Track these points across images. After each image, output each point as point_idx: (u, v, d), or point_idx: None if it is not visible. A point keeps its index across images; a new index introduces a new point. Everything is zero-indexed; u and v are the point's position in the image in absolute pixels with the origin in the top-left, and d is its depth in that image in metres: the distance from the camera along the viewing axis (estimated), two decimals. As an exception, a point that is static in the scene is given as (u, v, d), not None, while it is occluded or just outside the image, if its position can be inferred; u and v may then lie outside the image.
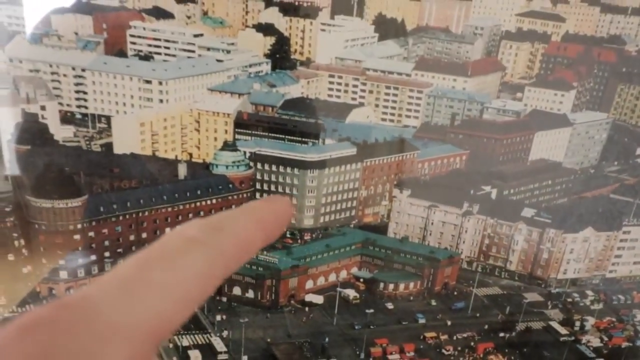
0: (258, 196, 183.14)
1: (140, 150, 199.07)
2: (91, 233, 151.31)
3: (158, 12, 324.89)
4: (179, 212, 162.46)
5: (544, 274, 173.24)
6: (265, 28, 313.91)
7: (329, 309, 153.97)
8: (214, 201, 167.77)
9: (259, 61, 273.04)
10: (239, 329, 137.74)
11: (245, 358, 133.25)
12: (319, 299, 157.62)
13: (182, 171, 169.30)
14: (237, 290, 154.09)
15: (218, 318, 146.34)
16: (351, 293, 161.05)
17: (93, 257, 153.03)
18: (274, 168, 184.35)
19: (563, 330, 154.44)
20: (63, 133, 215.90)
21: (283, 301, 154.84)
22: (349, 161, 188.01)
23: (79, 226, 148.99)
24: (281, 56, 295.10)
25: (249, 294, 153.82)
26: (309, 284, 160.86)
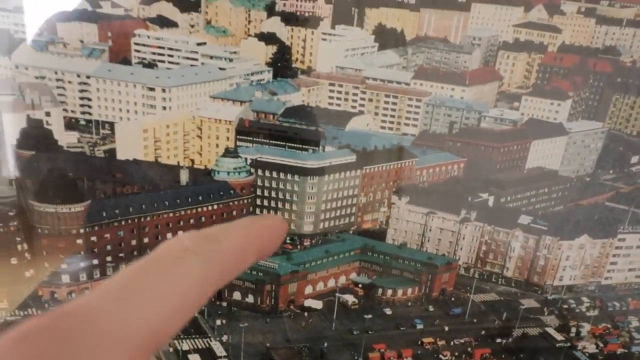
0: (259, 202, 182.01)
1: (142, 156, 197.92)
2: (93, 238, 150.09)
3: (162, 21, 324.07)
4: (181, 218, 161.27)
5: (541, 281, 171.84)
6: (267, 37, 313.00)
7: (328, 314, 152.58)
8: (215, 207, 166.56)
9: (261, 69, 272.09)
10: (239, 334, 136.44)
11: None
12: (318, 304, 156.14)
13: (184, 177, 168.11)
14: (237, 295, 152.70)
15: (218, 322, 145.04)
16: (350, 298, 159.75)
17: (95, 262, 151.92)
18: (275, 174, 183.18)
19: (559, 336, 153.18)
20: (67, 139, 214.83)
21: (282, 306, 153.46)
22: (349, 168, 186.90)
23: (82, 231, 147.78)
24: (282, 65, 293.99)
25: (249, 299, 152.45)
26: (308, 289, 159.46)
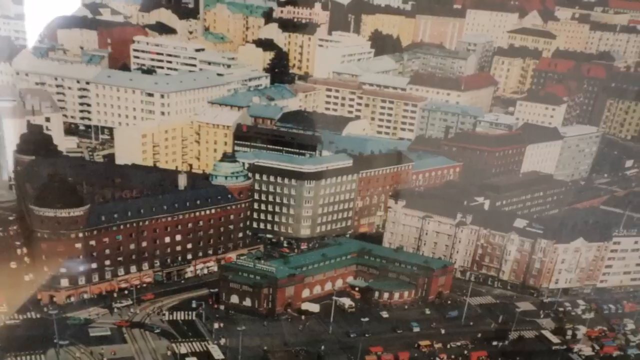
0: (256, 206, 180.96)
1: (141, 161, 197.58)
2: (92, 242, 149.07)
3: (161, 28, 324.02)
4: (179, 222, 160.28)
5: (536, 284, 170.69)
6: (264, 43, 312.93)
7: (325, 317, 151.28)
8: (213, 211, 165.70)
9: (259, 75, 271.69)
10: (237, 337, 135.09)
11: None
12: (315, 308, 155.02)
13: (182, 181, 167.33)
14: (235, 298, 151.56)
15: (216, 326, 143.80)
16: (347, 302, 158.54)
17: (94, 266, 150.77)
18: (272, 179, 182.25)
19: (555, 339, 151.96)
20: (67, 144, 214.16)
21: (280, 309, 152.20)
22: (346, 172, 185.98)
23: (81, 235, 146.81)
24: (280, 70, 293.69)
25: (247, 302, 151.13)
26: (306, 293, 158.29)
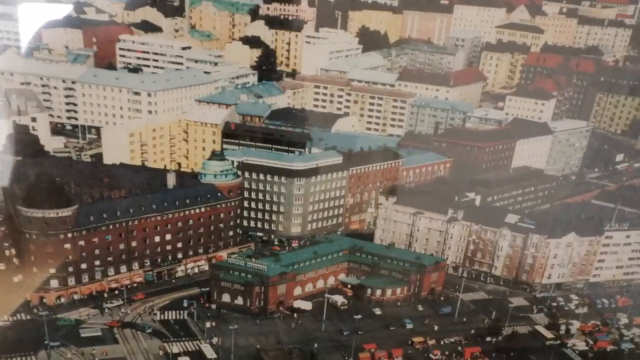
0: (246, 204, 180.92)
1: (129, 160, 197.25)
2: (81, 242, 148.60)
3: (147, 26, 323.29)
4: (169, 221, 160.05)
5: (529, 279, 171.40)
6: (251, 41, 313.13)
7: (318, 315, 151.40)
8: (203, 210, 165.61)
9: (246, 73, 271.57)
10: (229, 336, 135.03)
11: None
12: (308, 305, 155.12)
13: (171, 180, 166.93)
14: (227, 297, 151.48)
15: (207, 325, 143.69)
16: (339, 299, 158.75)
17: (84, 266, 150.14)
18: (262, 177, 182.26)
19: (549, 334, 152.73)
20: (54, 144, 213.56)
21: (272, 308, 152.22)
22: (335, 169, 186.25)
23: (70, 235, 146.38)
24: (267, 68, 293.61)
25: (238, 301, 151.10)
26: (298, 291, 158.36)
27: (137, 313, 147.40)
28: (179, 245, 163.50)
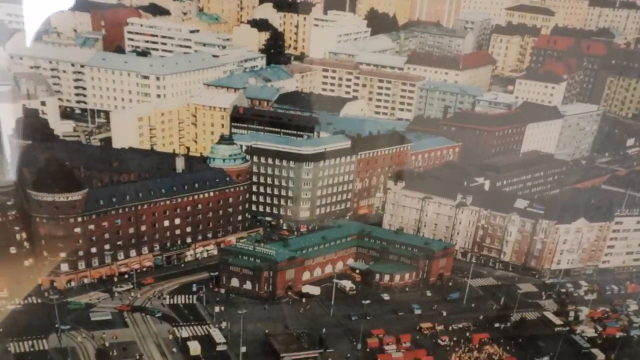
0: (255, 189, 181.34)
1: (138, 144, 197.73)
2: (91, 226, 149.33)
3: (155, 9, 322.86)
4: (177, 205, 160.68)
5: (538, 265, 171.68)
6: (259, 24, 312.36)
7: (326, 300, 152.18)
8: (212, 194, 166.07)
9: (254, 56, 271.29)
10: (238, 321, 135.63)
11: (243, 349, 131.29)
12: (316, 290, 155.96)
13: (180, 165, 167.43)
14: (235, 282, 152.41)
15: (216, 309, 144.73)
16: (347, 284, 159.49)
17: (94, 250, 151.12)
18: (270, 161, 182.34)
19: (557, 320, 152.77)
20: (63, 128, 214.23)
21: (280, 292, 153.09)
22: (344, 154, 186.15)
23: (79, 219, 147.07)
24: (275, 51, 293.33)
25: (247, 286, 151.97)
26: (306, 276, 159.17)
27: (147, 297, 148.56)
28: (188, 229, 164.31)
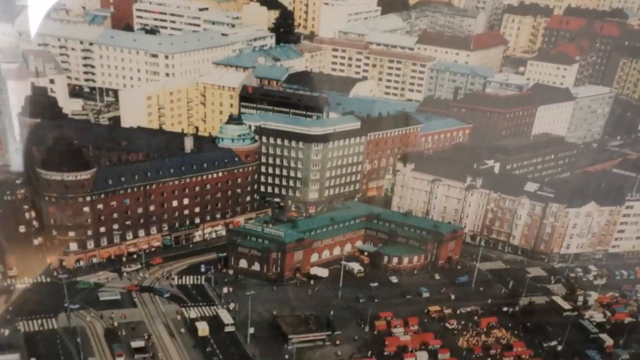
0: (263, 170, 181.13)
1: (147, 123, 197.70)
2: (100, 205, 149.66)
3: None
4: (186, 185, 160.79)
5: (547, 249, 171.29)
6: (269, 2, 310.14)
7: (334, 282, 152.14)
8: (220, 174, 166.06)
9: (264, 35, 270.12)
10: (246, 302, 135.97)
11: (251, 330, 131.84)
12: (324, 272, 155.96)
13: (189, 144, 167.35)
14: (244, 263, 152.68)
15: (225, 290, 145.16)
16: (356, 266, 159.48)
17: (102, 230, 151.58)
18: (279, 141, 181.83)
19: (566, 305, 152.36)
20: (72, 106, 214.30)
21: (289, 274, 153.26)
22: (353, 135, 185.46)
23: (88, 199, 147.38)
24: (285, 30, 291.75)
25: (255, 267, 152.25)
26: (314, 257, 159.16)
27: (155, 277, 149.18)
28: (197, 210, 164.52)
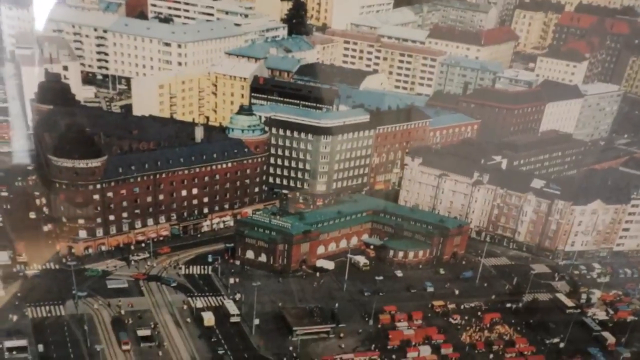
0: (272, 161, 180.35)
1: (158, 112, 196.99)
2: (110, 193, 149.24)
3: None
4: (195, 175, 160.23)
5: (552, 246, 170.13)
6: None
7: (340, 275, 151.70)
8: (230, 165, 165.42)
9: (276, 26, 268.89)
10: (252, 293, 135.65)
11: (256, 321, 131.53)
12: (330, 265, 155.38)
13: (199, 134, 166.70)
14: (250, 253, 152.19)
15: (231, 281, 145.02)
16: (361, 260, 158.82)
17: (111, 218, 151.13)
18: (289, 133, 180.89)
19: (569, 302, 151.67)
20: (84, 93, 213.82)
21: (295, 266, 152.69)
22: (362, 128, 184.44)
23: (98, 186, 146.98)
24: (297, 21, 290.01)
25: (262, 258, 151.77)
26: (320, 250, 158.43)
27: (163, 266, 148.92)
28: (205, 200, 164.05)
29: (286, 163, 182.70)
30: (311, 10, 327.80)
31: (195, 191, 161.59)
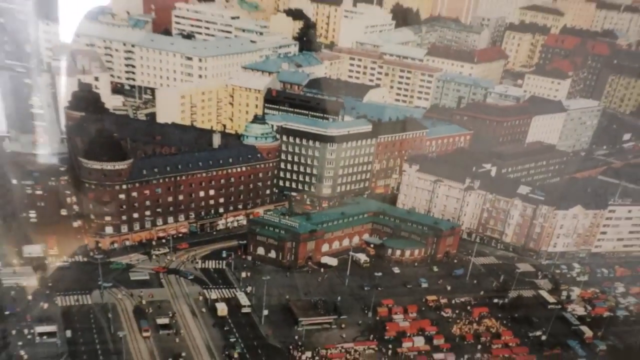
0: (282, 166, 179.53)
1: (180, 120, 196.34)
2: (134, 193, 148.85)
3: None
4: (212, 178, 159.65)
5: (536, 247, 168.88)
6: (294, 13, 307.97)
7: (342, 271, 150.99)
8: (244, 169, 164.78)
9: (288, 43, 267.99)
10: (262, 286, 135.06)
11: (266, 312, 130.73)
12: (334, 261, 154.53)
13: (217, 140, 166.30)
14: (261, 250, 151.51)
15: (243, 275, 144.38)
16: (362, 257, 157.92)
17: (135, 215, 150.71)
18: (298, 141, 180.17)
19: (551, 298, 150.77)
20: (113, 102, 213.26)
21: (301, 262, 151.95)
22: (365, 137, 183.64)
23: (124, 187, 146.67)
24: (308, 39, 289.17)
25: (271, 254, 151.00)
26: (325, 248, 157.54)
27: (181, 261, 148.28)
28: (221, 200, 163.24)
29: (295, 168, 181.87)
30: (320, 29, 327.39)
31: (212, 192, 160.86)
